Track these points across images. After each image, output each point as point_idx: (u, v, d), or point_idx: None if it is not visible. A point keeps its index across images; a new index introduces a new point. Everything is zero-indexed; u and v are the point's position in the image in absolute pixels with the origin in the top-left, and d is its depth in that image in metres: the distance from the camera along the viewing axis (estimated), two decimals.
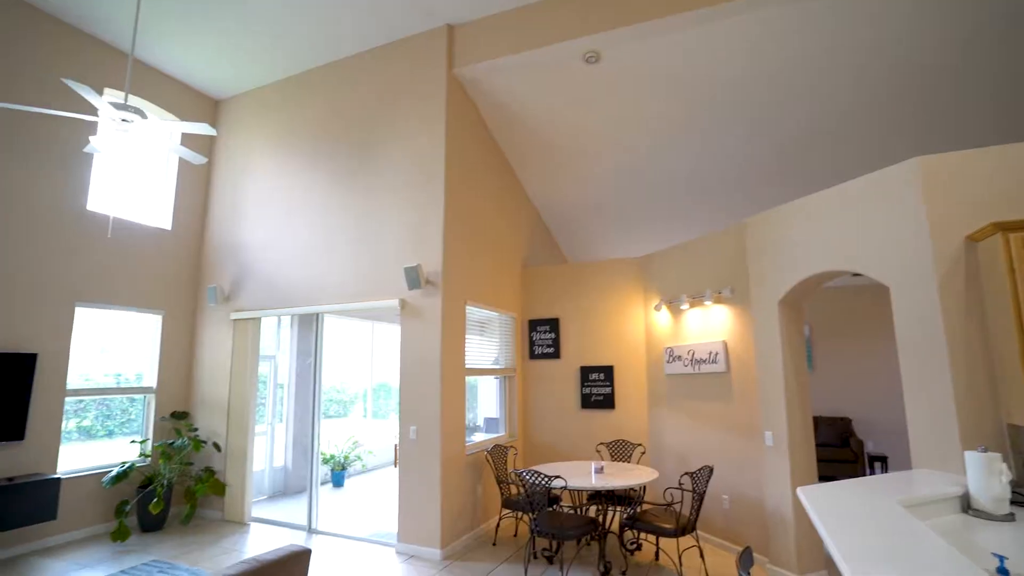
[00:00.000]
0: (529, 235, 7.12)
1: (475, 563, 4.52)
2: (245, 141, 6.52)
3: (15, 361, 4.74)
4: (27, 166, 5.04)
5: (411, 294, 5.01)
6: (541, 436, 6.31)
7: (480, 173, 5.80)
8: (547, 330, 6.44)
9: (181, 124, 3.49)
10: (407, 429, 4.87)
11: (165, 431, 6.00)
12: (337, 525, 5.53)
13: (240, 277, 6.17)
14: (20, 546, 4.78)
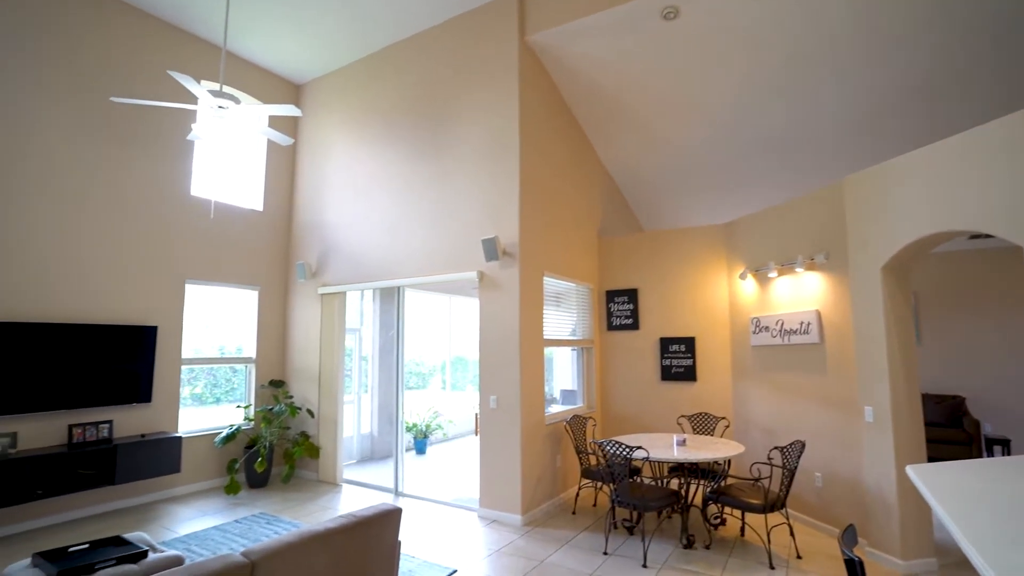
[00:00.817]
0: (604, 204, 6.96)
1: (555, 530, 4.60)
2: (326, 123, 6.77)
3: (141, 333, 5.28)
4: (140, 157, 5.51)
5: (489, 266, 5.06)
6: (620, 408, 6.25)
7: (554, 142, 5.70)
8: (625, 301, 6.31)
9: (270, 107, 3.67)
10: (487, 399, 4.98)
11: (265, 398, 6.51)
12: (421, 489, 5.80)
13: (325, 253, 6.49)
14: (153, 493, 5.40)
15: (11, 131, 4.68)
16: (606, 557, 3.99)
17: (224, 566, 1.95)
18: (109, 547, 3.10)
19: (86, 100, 5.15)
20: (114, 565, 2.84)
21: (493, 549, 4.18)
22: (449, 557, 4.03)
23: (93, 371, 4.96)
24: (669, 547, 4.16)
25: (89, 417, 5.00)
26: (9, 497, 4.20)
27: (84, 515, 4.93)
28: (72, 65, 5.06)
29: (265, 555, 2.08)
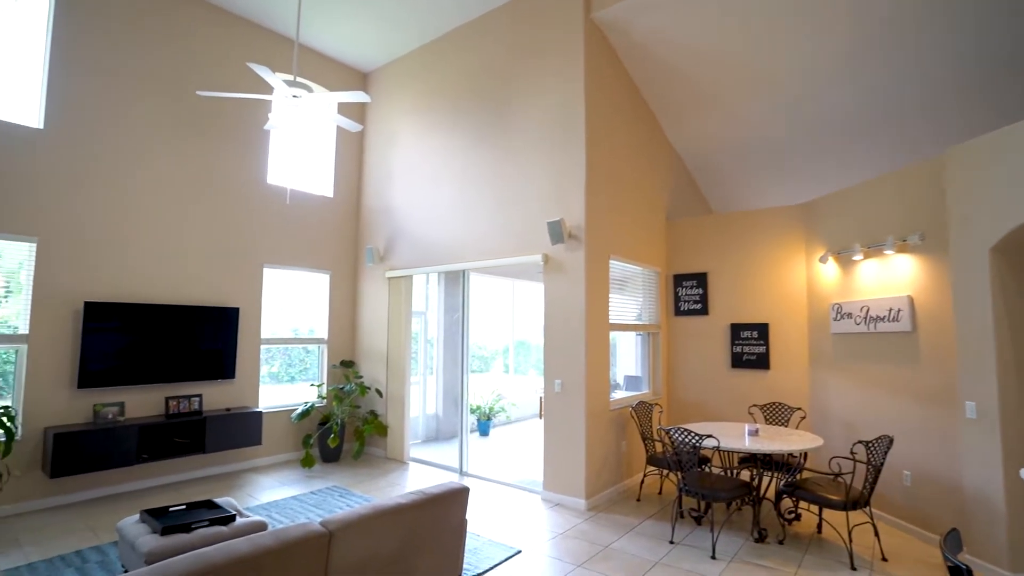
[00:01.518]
0: (672, 185, 6.71)
1: (619, 516, 4.54)
2: (392, 109, 6.89)
3: (225, 314, 5.64)
4: (222, 148, 5.83)
5: (554, 249, 5.01)
6: (687, 395, 6.07)
7: (620, 122, 5.53)
8: (694, 285, 6.09)
9: (340, 94, 3.76)
10: (552, 382, 4.97)
11: (336, 377, 6.80)
12: (485, 470, 5.89)
13: (393, 238, 6.65)
14: (238, 463, 5.79)
15: (115, 129, 5.06)
16: (672, 546, 3.91)
17: (305, 533, 2.05)
18: (203, 509, 3.35)
19: (174, 95, 5.49)
20: (207, 525, 3.07)
21: (557, 532, 4.19)
22: (513, 537, 4.07)
23: (185, 349, 5.35)
24: (739, 540, 4.02)
25: (182, 391, 5.41)
26: (121, 459, 4.63)
27: (179, 479, 5.36)
28: (161, 63, 5.40)
29: (341, 525, 2.17)
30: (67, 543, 3.85)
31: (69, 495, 4.70)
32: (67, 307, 4.74)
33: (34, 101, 4.74)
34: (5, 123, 4.52)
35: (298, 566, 1.99)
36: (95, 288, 4.90)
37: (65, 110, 4.81)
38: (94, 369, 4.77)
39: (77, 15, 4.89)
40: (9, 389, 4.55)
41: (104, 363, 4.84)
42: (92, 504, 4.66)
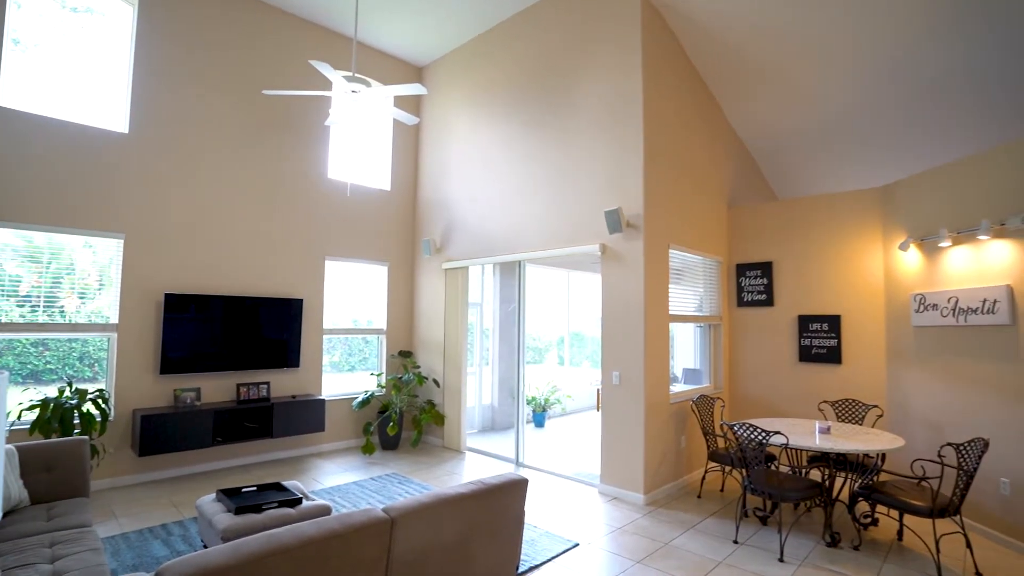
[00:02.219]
0: (734, 171, 6.42)
1: (680, 513, 4.42)
2: (446, 102, 6.94)
3: (290, 305, 5.87)
4: (285, 145, 6.05)
5: (612, 238, 4.90)
6: (750, 389, 5.83)
7: (679, 106, 5.33)
8: (758, 275, 5.82)
9: (398, 87, 3.80)
10: (609, 374, 4.88)
11: (394, 367, 6.96)
12: (541, 461, 5.88)
13: (449, 229, 6.71)
14: (302, 448, 6.04)
15: (191, 131, 5.35)
16: (736, 546, 3.76)
17: (368, 519, 2.09)
18: (272, 491, 3.51)
19: (243, 97, 5.73)
20: (276, 507, 3.20)
21: (615, 526, 4.12)
22: (570, 530, 4.04)
23: (254, 338, 5.61)
24: (809, 543, 3.81)
25: (251, 378, 5.68)
26: (198, 441, 4.93)
27: (249, 462, 5.65)
28: (231, 67, 5.65)
29: (403, 512, 2.20)
30: (154, 516, 4.14)
31: (154, 472, 5.04)
32: (150, 298, 5.07)
33: (121, 108, 5.06)
34: (97, 129, 4.86)
35: (362, 550, 2.03)
36: (174, 280, 5.21)
37: (147, 115, 5.12)
38: (173, 356, 5.09)
39: (157, 27, 5.18)
40: (103, 374, 4.92)
41: (182, 351, 5.14)
42: (174, 481, 4.99)
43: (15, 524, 2.85)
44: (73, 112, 4.84)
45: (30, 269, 4.61)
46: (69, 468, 3.35)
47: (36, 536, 2.71)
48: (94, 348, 4.92)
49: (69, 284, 4.77)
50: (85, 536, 2.71)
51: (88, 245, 4.87)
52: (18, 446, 3.23)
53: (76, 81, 4.89)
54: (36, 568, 2.37)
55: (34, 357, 4.70)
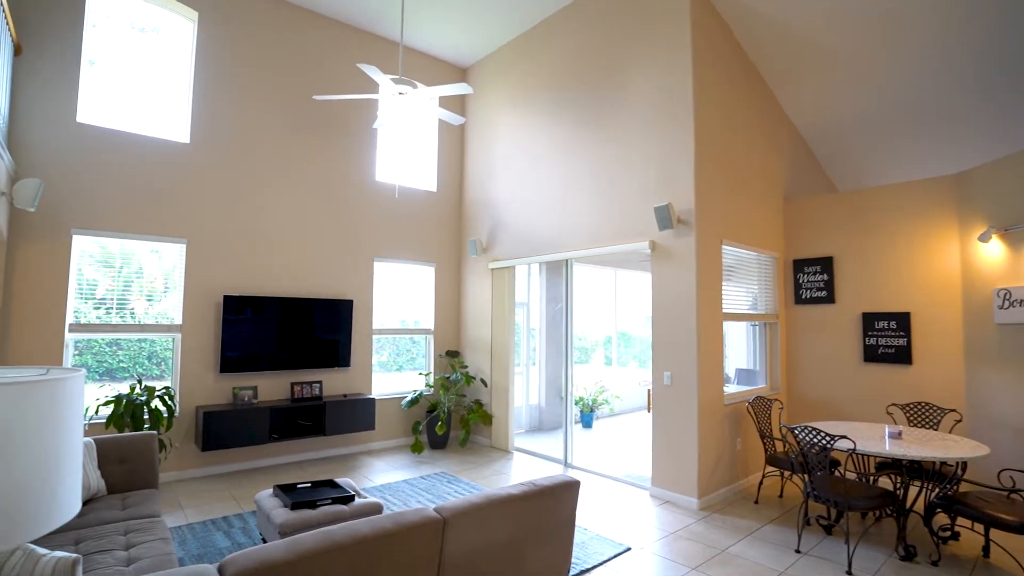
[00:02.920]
0: (789, 162, 6.14)
1: (736, 518, 4.25)
2: (490, 101, 6.94)
3: (341, 306, 6.01)
4: (334, 148, 6.20)
5: (662, 235, 4.77)
6: (810, 391, 5.55)
7: (731, 96, 5.13)
8: (817, 271, 5.53)
9: (443, 88, 3.82)
10: (660, 375, 4.75)
11: (442, 366, 7.02)
12: (589, 462, 5.79)
13: (495, 229, 6.71)
14: (353, 446, 6.18)
15: (246, 138, 5.56)
16: (799, 556, 3.57)
17: (421, 519, 2.09)
18: (326, 487, 3.58)
19: (295, 104, 5.91)
20: (330, 504, 3.27)
21: (668, 531, 4.00)
22: (622, 534, 3.95)
23: (307, 338, 5.77)
24: (879, 555, 3.58)
25: (305, 377, 5.85)
26: (255, 437, 5.11)
27: (303, 459, 5.81)
28: (283, 74, 5.84)
29: (455, 513, 2.19)
30: (216, 508, 4.31)
31: (216, 467, 5.26)
32: (210, 300, 5.30)
33: (183, 119, 5.31)
34: (162, 140, 5.12)
35: (414, 550, 2.03)
36: (231, 282, 5.43)
37: (206, 125, 5.35)
38: (231, 356, 5.29)
39: (214, 40, 5.41)
40: (169, 372, 5.18)
41: (240, 350, 5.35)
42: (233, 476, 5.19)
43: (95, 512, 3.02)
44: (141, 125, 5.11)
45: (105, 274, 4.90)
46: (140, 461, 3.52)
47: (112, 524, 2.86)
48: (161, 348, 5.18)
49: (138, 287, 5.04)
50: (155, 526, 2.85)
51: (155, 251, 5.14)
52: (96, 439, 3.42)
53: (144, 96, 5.16)
54: (113, 554, 2.50)
55: (109, 356, 4.99)
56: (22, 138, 4.50)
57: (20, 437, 1.07)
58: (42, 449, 1.11)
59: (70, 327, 4.66)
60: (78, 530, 2.79)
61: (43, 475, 1.11)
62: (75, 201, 4.69)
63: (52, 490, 1.13)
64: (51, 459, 1.13)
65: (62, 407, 1.17)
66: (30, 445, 1.09)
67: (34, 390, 1.10)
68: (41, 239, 4.55)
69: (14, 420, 1.06)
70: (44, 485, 1.11)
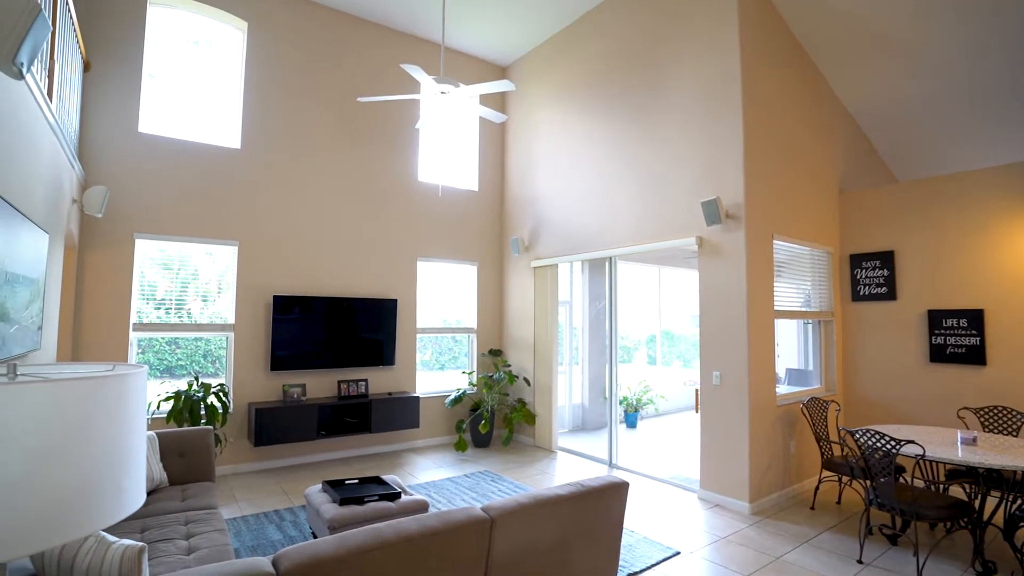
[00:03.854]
0: (844, 152, 5.85)
1: (790, 524, 4.07)
2: (531, 99, 6.91)
3: (385, 305, 6.11)
4: (378, 150, 6.30)
5: (709, 230, 4.63)
6: (869, 392, 5.28)
7: (781, 83, 4.93)
8: (876, 266, 5.25)
9: (486, 85, 3.81)
10: (709, 374, 4.61)
11: (485, 365, 7.04)
12: (635, 463, 5.68)
13: (537, 227, 6.68)
14: (398, 444, 6.27)
15: (293, 142, 5.72)
16: (861, 567, 3.39)
17: (468, 518, 2.08)
18: (373, 484, 3.63)
19: (339, 108, 6.04)
20: (376, 500, 3.31)
21: (718, 535, 3.87)
22: (670, 537, 3.84)
23: (353, 337, 5.89)
24: (952, 570, 3.36)
25: (351, 376, 5.97)
26: (304, 433, 5.25)
27: (349, 455, 5.94)
28: (328, 79, 5.98)
29: (502, 512, 2.17)
30: (267, 502, 4.45)
31: (267, 461, 5.44)
32: (261, 300, 5.47)
33: (234, 125, 5.51)
34: (215, 147, 5.33)
35: (461, 550, 2.02)
36: (281, 283, 5.59)
37: (255, 130, 5.53)
38: (281, 354, 5.46)
39: (262, 47, 5.59)
40: (223, 369, 5.39)
41: (289, 349, 5.50)
42: (283, 471, 5.35)
43: (158, 502, 3.17)
44: (196, 132, 5.33)
45: (164, 276, 5.14)
46: (198, 454, 3.67)
47: (174, 514, 2.99)
48: (215, 346, 5.39)
49: (195, 289, 5.26)
50: (213, 517, 2.95)
51: (209, 253, 5.34)
52: (158, 433, 3.58)
53: (198, 104, 5.38)
54: (175, 543, 2.60)
55: (168, 354, 5.23)
56: (90, 148, 4.76)
57: (89, 431, 1.11)
58: (109, 442, 1.15)
59: (134, 326, 4.90)
60: (143, 519, 2.92)
61: (110, 468, 1.15)
62: (137, 207, 4.93)
63: (118, 482, 1.17)
64: (118, 452, 1.18)
65: (127, 402, 1.21)
66: (98, 438, 1.13)
67: (101, 386, 1.14)
68: (107, 244, 4.80)
69: (83, 415, 1.10)
70: (111, 477, 1.15)
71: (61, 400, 1.06)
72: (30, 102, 2.70)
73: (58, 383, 1.08)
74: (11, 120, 2.39)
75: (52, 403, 1.06)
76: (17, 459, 1.00)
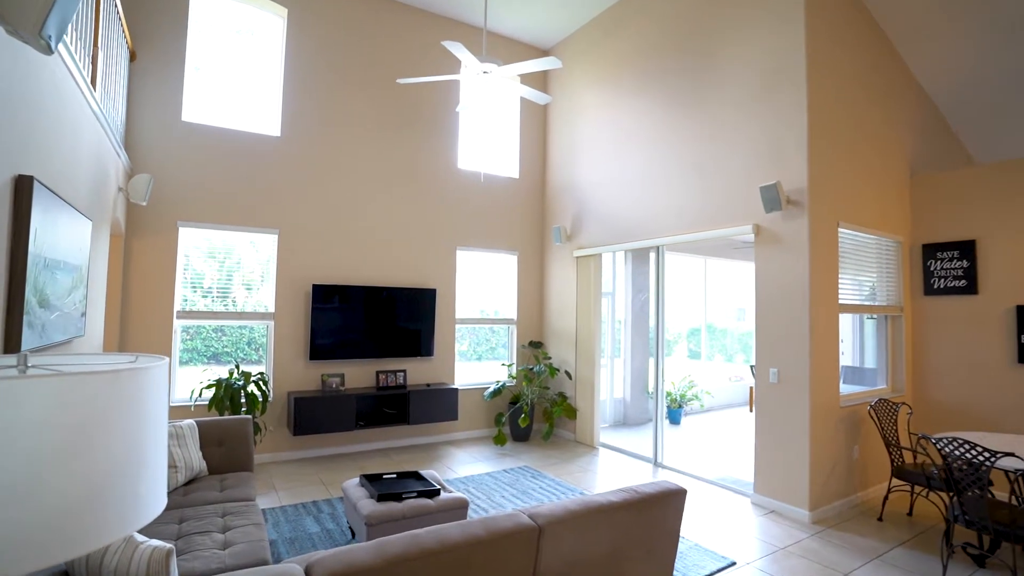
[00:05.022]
0: (916, 133, 5.37)
1: (857, 537, 3.76)
2: (574, 82, 6.65)
3: (424, 295, 6.01)
4: (417, 137, 6.18)
5: (768, 217, 4.30)
6: (943, 395, 4.85)
7: (851, 57, 4.53)
8: (954, 256, 4.80)
9: (531, 63, 3.60)
10: (765, 371, 4.31)
11: (525, 357, 6.87)
12: (680, 462, 5.42)
13: (580, 216, 6.44)
14: (436, 436, 6.18)
15: (333, 130, 5.65)
16: None
17: (515, 526, 1.91)
18: (411, 479, 3.52)
19: (379, 95, 5.94)
20: (415, 497, 3.19)
21: (777, 545, 3.60)
22: (723, 545, 3.60)
23: (391, 327, 5.82)
24: None
25: (389, 366, 5.90)
26: (343, 423, 5.21)
27: (387, 446, 5.88)
28: (368, 66, 5.87)
29: (551, 520, 1.99)
30: (306, 492, 4.42)
31: (306, 451, 5.43)
32: (300, 289, 5.45)
33: (275, 113, 5.48)
34: (257, 135, 5.31)
35: (507, 560, 1.86)
36: (320, 272, 5.55)
37: (295, 117, 5.49)
38: (320, 344, 5.42)
39: (303, 34, 5.53)
40: (265, 357, 5.40)
41: (328, 338, 5.47)
42: (322, 460, 5.33)
43: (197, 492, 3.13)
44: (238, 121, 5.32)
45: (210, 266, 5.17)
46: (237, 444, 3.64)
47: (212, 505, 2.94)
48: (258, 334, 5.40)
49: (240, 279, 5.28)
50: (250, 510, 2.89)
51: (252, 243, 5.34)
52: (197, 421, 3.56)
53: (240, 93, 5.37)
54: (211, 536, 2.54)
55: (215, 341, 5.27)
56: (135, 137, 4.79)
57: (101, 431, 0.98)
58: (124, 443, 1.03)
59: (177, 314, 4.94)
60: (181, 509, 2.89)
61: (125, 472, 1.03)
62: (180, 195, 4.95)
63: (135, 488, 1.05)
64: (134, 454, 1.05)
65: (146, 398, 1.08)
66: (111, 440, 1.00)
67: (116, 380, 1.01)
68: (152, 232, 4.84)
69: (94, 412, 0.98)
70: (126, 483, 1.03)
71: (70, 396, 0.94)
72: (72, 88, 2.66)
73: (66, 377, 0.95)
74: (51, 105, 2.34)
75: (58, 399, 0.93)
76: (17, 464, 0.88)
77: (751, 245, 4.63)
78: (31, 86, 2.08)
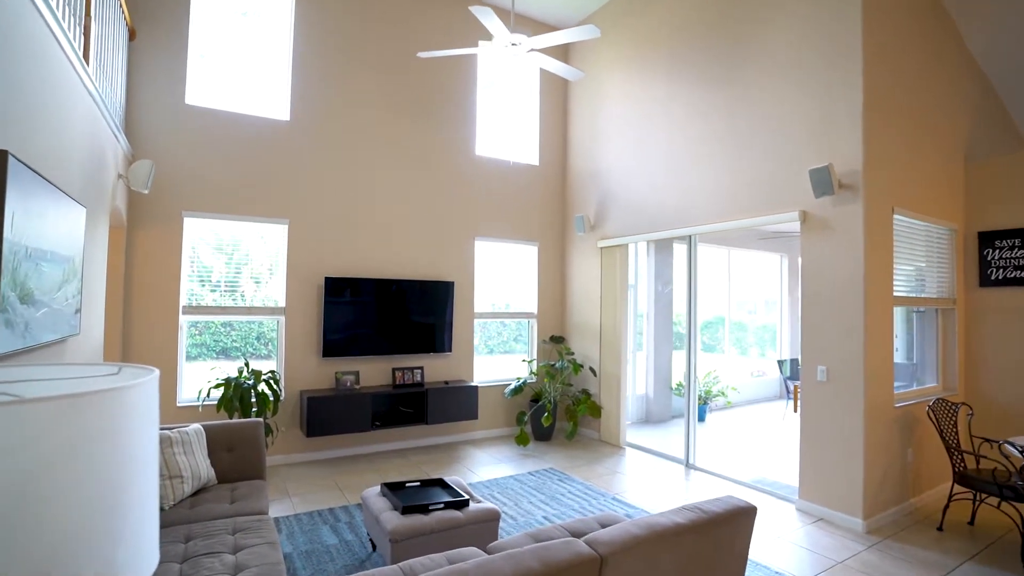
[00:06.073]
0: (972, 114, 5.00)
1: (919, 549, 3.45)
2: (597, 63, 6.30)
3: (442, 288, 5.72)
4: (434, 124, 5.86)
5: (817, 203, 3.97)
6: (1001, 394, 4.52)
7: (909, 32, 4.17)
8: (1015, 245, 4.46)
9: (565, 32, 3.28)
10: (812, 368, 3.99)
11: (546, 353, 6.58)
12: (713, 463, 5.12)
13: (603, 204, 6.11)
14: (455, 435, 5.91)
15: (345, 114, 5.35)
16: None
17: (573, 556, 1.63)
18: (436, 488, 3.25)
19: (394, 80, 5.62)
20: (443, 508, 2.92)
21: (833, 559, 3.31)
22: (774, 558, 3.31)
23: (407, 321, 5.53)
24: None
25: (406, 363, 5.63)
26: (358, 424, 4.95)
27: (404, 447, 5.62)
28: (382, 49, 5.55)
29: (613, 549, 1.71)
30: (321, 498, 4.16)
31: (320, 452, 5.18)
32: (311, 282, 5.17)
33: (283, 97, 5.18)
34: (264, 119, 5.02)
35: None
36: (332, 264, 5.27)
37: (305, 101, 5.19)
38: (333, 340, 5.15)
39: (312, 13, 5.21)
40: (275, 353, 5.14)
41: (341, 334, 5.19)
42: (337, 462, 5.07)
43: (205, 503, 2.88)
44: (245, 105, 5.03)
45: (218, 259, 4.90)
46: (248, 449, 3.37)
47: (221, 520, 2.68)
48: (268, 329, 5.14)
49: (248, 272, 5.01)
50: (263, 526, 2.62)
51: (261, 237, 5.07)
52: (205, 425, 3.30)
53: (247, 75, 5.07)
54: (221, 558, 2.28)
55: (224, 336, 5.02)
56: (137, 121, 4.52)
57: (60, 477, 0.70)
58: (95, 491, 0.74)
59: (183, 309, 4.69)
60: (189, 525, 2.63)
61: (93, 531, 0.74)
62: (185, 183, 4.68)
63: (108, 553, 0.76)
64: (108, 505, 0.76)
65: (125, 427, 0.80)
66: (77, 487, 0.72)
67: (84, 406, 0.72)
68: (156, 222, 4.58)
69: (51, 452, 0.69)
70: (96, 547, 0.74)
71: (6, 437, 0.66)
72: (58, 55, 2.38)
73: (11, 407, 0.68)
74: (32, 71, 2.05)
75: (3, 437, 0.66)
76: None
77: (781, 235, 4.31)
78: (3, 43, 1.79)
